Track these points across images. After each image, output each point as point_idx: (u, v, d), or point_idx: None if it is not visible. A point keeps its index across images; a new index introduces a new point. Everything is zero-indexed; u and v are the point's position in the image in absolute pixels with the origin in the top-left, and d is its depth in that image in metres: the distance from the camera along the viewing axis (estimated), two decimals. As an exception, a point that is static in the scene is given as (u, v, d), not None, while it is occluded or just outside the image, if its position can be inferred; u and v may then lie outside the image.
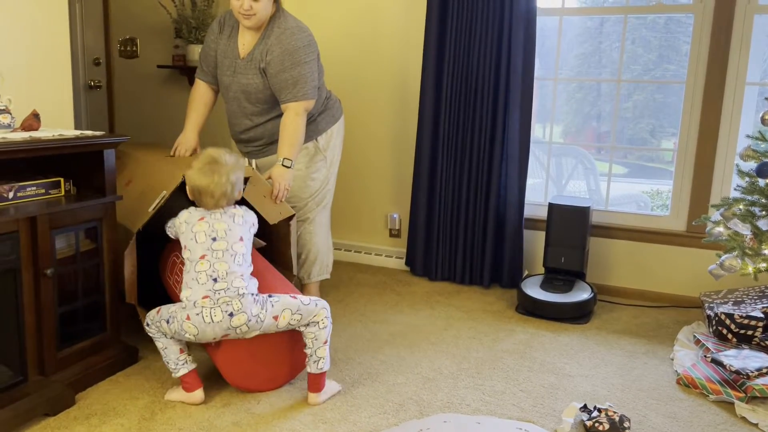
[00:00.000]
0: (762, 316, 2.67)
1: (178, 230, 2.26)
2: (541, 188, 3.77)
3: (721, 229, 2.77)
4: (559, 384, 2.48)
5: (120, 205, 2.49)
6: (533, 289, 3.22)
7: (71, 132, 2.40)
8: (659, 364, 2.67)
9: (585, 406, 2.21)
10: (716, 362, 2.43)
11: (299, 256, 3.02)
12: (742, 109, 3.19)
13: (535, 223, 3.60)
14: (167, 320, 2.18)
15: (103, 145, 2.35)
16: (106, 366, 2.44)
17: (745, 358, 2.43)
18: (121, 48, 4.46)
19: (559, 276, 3.31)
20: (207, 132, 3.13)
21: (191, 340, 2.17)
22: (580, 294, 3.16)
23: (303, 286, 3.09)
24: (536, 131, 3.88)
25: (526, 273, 3.60)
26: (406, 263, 3.82)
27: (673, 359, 2.69)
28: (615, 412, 2.14)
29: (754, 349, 2.59)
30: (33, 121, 2.34)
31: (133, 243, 2.40)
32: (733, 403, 2.32)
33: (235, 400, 2.30)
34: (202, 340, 2.17)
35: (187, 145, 2.92)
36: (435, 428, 2.06)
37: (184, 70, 4.12)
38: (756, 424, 2.20)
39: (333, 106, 3.02)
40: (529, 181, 3.54)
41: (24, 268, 2.12)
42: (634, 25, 3.86)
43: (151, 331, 2.25)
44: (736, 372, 2.35)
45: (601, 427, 2.09)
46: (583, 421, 2.17)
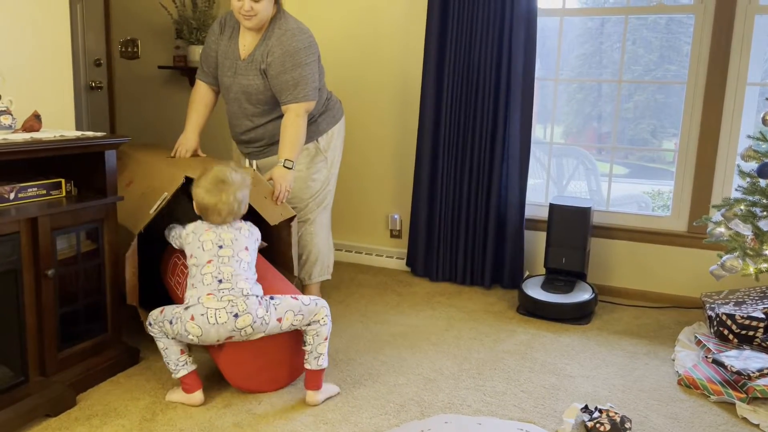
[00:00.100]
0: (763, 316, 2.66)
1: (184, 241, 2.30)
2: (542, 189, 3.77)
3: (722, 230, 2.77)
4: (560, 385, 2.48)
5: (121, 205, 2.49)
6: (534, 290, 3.21)
7: (72, 133, 2.40)
8: (660, 365, 2.67)
9: (586, 407, 2.21)
10: (717, 363, 2.43)
11: (300, 257, 3.02)
12: (743, 109, 3.19)
13: (536, 224, 3.60)
14: (170, 321, 2.18)
15: (104, 146, 2.35)
16: (107, 367, 2.44)
17: (746, 359, 2.42)
18: (122, 49, 4.46)
19: (560, 277, 3.31)
20: (208, 133, 3.13)
21: (194, 342, 2.17)
22: (581, 295, 3.16)
23: (304, 287, 3.08)
24: (537, 132, 3.88)
25: (527, 274, 3.60)
26: (407, 264, 3.82)
27: (674, 360, 2.69)
28: (616, 413, 2.14)
29: (756, 350, 2.59)
30: (34, 122, 2.34)
31: (135, 245, 2.41)
32: (734, 404, 2.32)
33: (236, 401, 2.30)
34: (205, 342, 2.16)
35: (188, 145, 2.92)
36: (436, 429, 2.06)
37: (185, 71, 4.12)
38: (757, 425, 2.20)
39: (334, 107, 3.02)
40: (530, 182, 3.54)
41: (25, 269, 2.12)
42: (635, 26, 3.86)
43: (153, 331, 2.25)
44: (738, 373, 2.34)
45: (602, 428, 2.09)
46: (584, 421, 2.17)
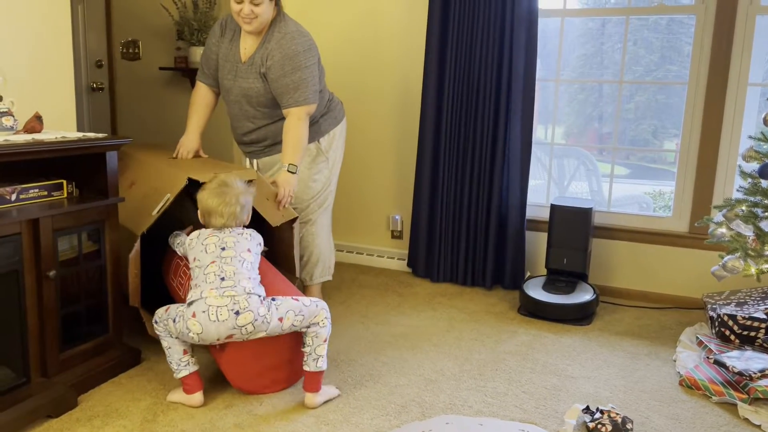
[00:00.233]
0: (765, 317, 2.66)
1: (188, 246, 2.32)
2: (543, 189, 3.77)
3: (723, 231, 2.76)
4: (562, 385, 2.48)
5: (123, 206, 2.49)
6: (535, 291, 3.21)
7: (73, 134, 2.41)
8: (662, 366, 2.67)
9: (587, 408, 2.20)
10: (719, 364, 2.43)
11: (301, 258, 3.02)
12: (744, 110, 3.19)
13: (537, 225, 3.60)
14: (174, 319, 2.19)
15: (106, 147, 2.35)
16: (109, 368, 2.44)
17: (747, 360, 2.42)
18: (124, 50, 4.46)
19: (562, 277, 3.30)
20: (209, 134, 3.13)
21: (194, 340, 2.17)
22: (583, 295, 3.16)
23: (305, 288, 3.09)
24: (538, 132, 3.87)
25: (528, 274, 3.60)
26: (408, 265, 3.82)
27: (675, 361, 2.69)
28: (617, 414, 2.13)
29: (757, 351, 2.58)
30: (35, 123, 2.34)
31: (138, 246, 2.41)
32: (735, 405, 2.32)
33: (238, 402, 2.30)
34: (206, 341, 2.16)
35: (190, 146, 2.92)
36: (437, 430, 2.05)
37: (186, 72, 4.12)
38: (759, 426, 2.19)
39: (335, 108, 3.02)
40: (531, 183, 3.54)
41: (26, 270, 2.13)
42: (636, 26, 3.85)
43: (159, 329, 2.26)
44: (739, 373, 2.34)
45: (603, 429, 2.09)
46: (585, 422, 2.17)
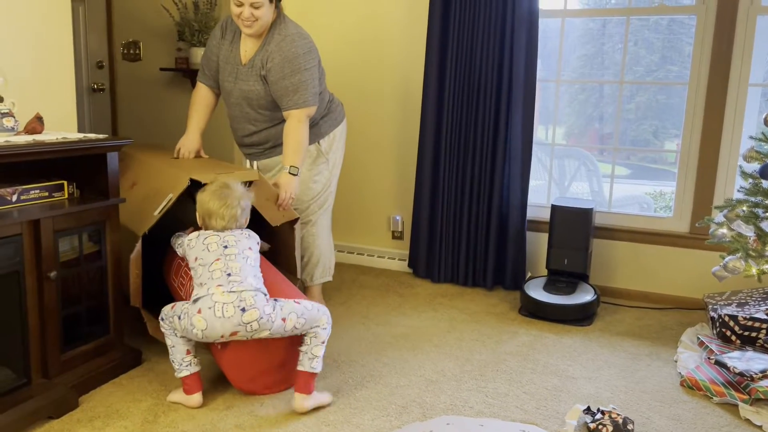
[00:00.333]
0: (766, 317, 2.66)
1: (187, 247, 2.32)
2: (544, 190, 3.77)
3: (724, 231, 2.76)
4: (563, 386, 2.48)
5: (124, 207, 2.49)
6: (536, 291, 3.21)
7: (74, 135, 2.41)
8: (663, 366, 2.67)
9: (588, 409, 2.20)
10: (720, 364, 2.43)
11: (301, 259, 3.02)
12: (745, 110, 3.19)
13: (538, 225, 3.59)
14: (179, 316, 2.19)
15: (107, 147, 2.35)
16: (110, 368, 2.44)
17: (748, 360, 2.42)
18: (124, 51, 4.47)
19: (562, 278, 3.30)
20: (209, 134, 3.13)
21: (198, 337, 2.16)
22: (583, 296, 3.16)
23: (306, 289, 3.09)
24: (539, 133, 3.87)
25: (529, 275, 3.59)
26: (409, 265, 3.81)
27: (676, 361, 2.69)
28: (618, 415, 2.13)
29: (758, 351, 2.58)
30: (36, 124, 2.34)
31: (139, 247, 2.41)
32: (737, 405, 2.31)
33: (238, 403, 2.30)
34: (210, 338, 2.16)
35: (190, 146, 2.93)
36: (438, 430, 2.05)
37: (187, 73, 4.13)
38: (760, 426, 2.19)
39: (335, 110, 3.02)
40: (532, 183, 3.54)
41: (27, 271, 2.13)
42: (637, 27, 3.85)
43: (164, 326, 2.27)
44: (740, 374, 2.34)
45: (604, 430, 2.09)
46: (586, 423, 2.16)
